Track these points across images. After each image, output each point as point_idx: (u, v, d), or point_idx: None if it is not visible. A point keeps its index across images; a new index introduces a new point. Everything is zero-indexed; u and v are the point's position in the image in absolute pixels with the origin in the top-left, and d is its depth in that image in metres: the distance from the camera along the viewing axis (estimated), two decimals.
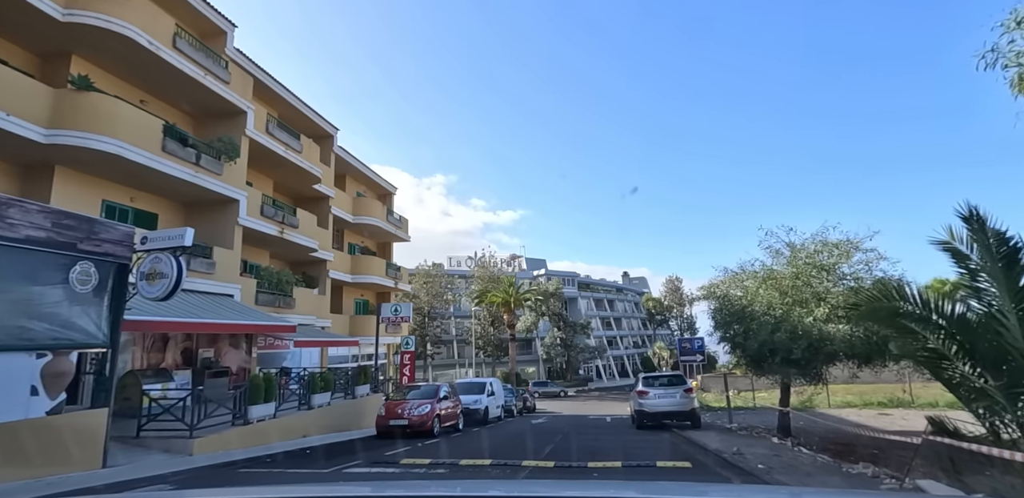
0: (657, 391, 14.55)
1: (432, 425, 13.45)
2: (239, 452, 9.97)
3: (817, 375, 11.90)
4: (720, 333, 13.63)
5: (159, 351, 15.07)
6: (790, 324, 10.97)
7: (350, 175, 29.01)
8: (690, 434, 12.79)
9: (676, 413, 14.37)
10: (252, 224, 17.47)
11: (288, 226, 19.47)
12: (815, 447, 11.20)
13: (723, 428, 14.46)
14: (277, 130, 19.38)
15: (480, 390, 19.39)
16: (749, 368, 13.42)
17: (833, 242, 11.67)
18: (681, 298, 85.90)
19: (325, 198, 24.53)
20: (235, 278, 16.49)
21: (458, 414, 15.77)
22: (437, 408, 13.95)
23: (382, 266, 28.29)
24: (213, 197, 16.33)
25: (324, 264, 24.03)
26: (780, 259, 12.70)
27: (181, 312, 11.83)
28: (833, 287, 11.52)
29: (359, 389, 16.73)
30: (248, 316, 14.13)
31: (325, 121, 24.74)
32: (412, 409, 13.49)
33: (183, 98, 16.37)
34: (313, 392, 13.74)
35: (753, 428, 14.12)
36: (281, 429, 12.02)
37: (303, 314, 20.08)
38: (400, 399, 14.49)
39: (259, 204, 18.04)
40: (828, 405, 21.51)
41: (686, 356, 22.71)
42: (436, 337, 55.70)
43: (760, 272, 12.53)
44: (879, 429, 9.83)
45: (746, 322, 12.04)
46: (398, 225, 30.56)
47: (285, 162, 20.26)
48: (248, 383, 11.25)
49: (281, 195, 22.08)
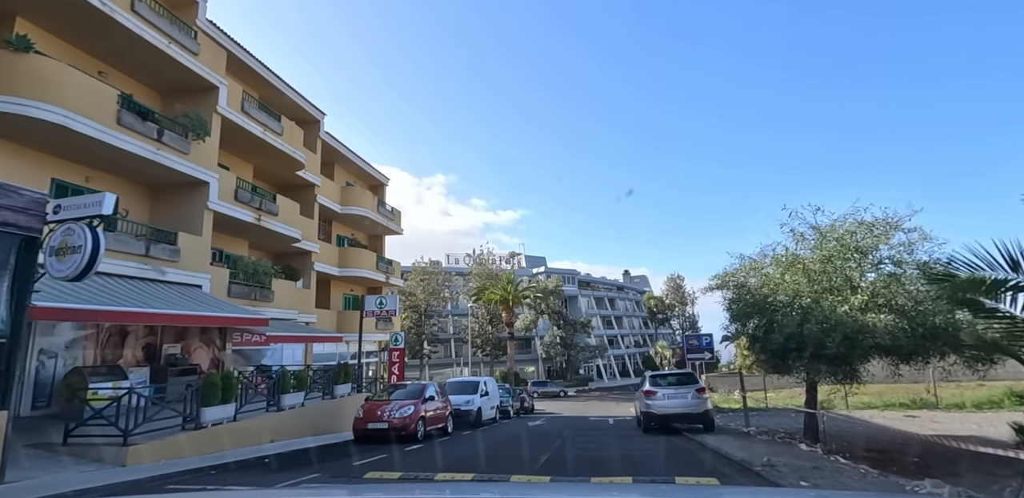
0: (666, 391, 13.16)
1: (416, 428, 12.05)
2: (185, 461, 8.59)
3: (851, 373, 10.50)
4: (737, 327, 12.24)
5: (116, 346, 13.67)
6: (821, 314, 9.57)
7: (339, 164, 27.61)
8: (704, 439, 11.41)
9: (687, 415, 12.98)
10: (225, 209, 16.07)
11: (266, 213, 18.07)
12: (848, 455, 9.81)
13: (739, 432, 13.07)
14: (255, 110, 17.99)
15: (473, 390, 18.00)
16: (770, 365, 12.02)
17: (869, 222, 10.23)
18: (683, 297, 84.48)
19: (310, 186, 23.12)
20: (204, 267, 15.09)
21: (447, 416, 14.37)
22: (422, 409, 12.55)
23: (372, 259, 26.88)
24: (180, 179, 14.94)
25: (309, 256, 22.63)
26: (805, 243, 11.30)
27: (129, 301, 10.44)
28: (868, 272, 10.12)
29: (339, 388, 15.33)
30: (213, 307, 12.73)
31: (311, 105, 23.35)
32: (394, 411, 12.09)
33: (146, 70, 14.97)
34: (284, 392, 12.34)
35: (774, 432, 12.73)
36: (242, 434, 10.63)
37: (283, 308, 18.69)
38: (382, 400, 13.09)
39: (233, 188, 16.65)
40: (846, 406, 20.09)
41: (693, 353, 21.32)
42: (433, 336, 54.29)
43: (784, 257, 11.09)
44: (949, 436, 8.48)
45: (768, 313, 10.64)
46: (390, 217, 29.15)
47: (265, 146, 18.87)
48: (202, 381, 9.84)
49: (262, 182, 20.67)
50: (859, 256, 9.95)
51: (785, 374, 11.75)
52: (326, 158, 26.14)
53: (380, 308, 19.15)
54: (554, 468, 8.51)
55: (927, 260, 9.69)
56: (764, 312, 10.87)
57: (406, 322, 51.21)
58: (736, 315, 11.81)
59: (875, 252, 10.15)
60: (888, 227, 9.96)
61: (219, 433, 9.98)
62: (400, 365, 21.15)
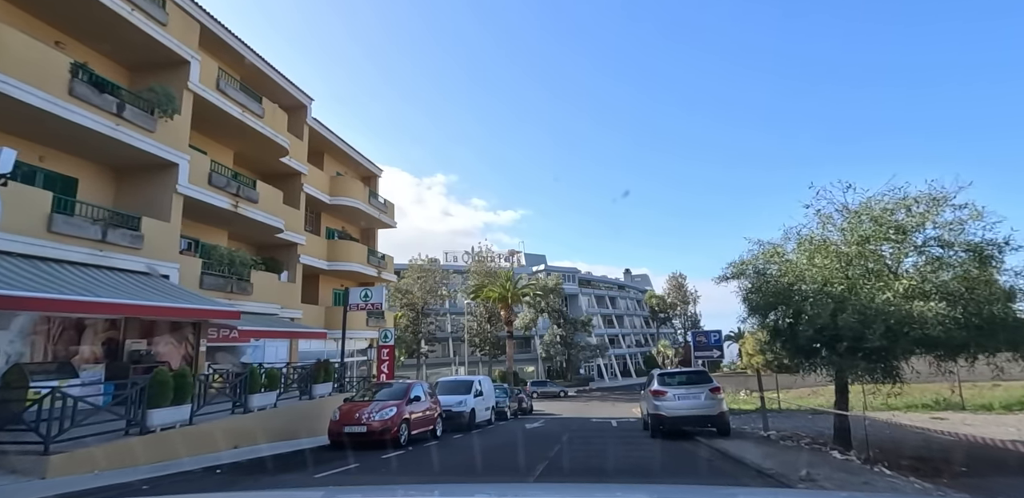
0: (677, 391, 11.92)
1: (398, 432, 10.83)
2: (122, 472, 7.37)
3: (891, 369, 9.23)
4: (757, 319, 10.99)
5: (71, 342, 12.42)
6: (858, 302, 8.32)
7: (329, 153, 26.38)
8: (722, 444, 10.19)
9: (701, 418, 11.75)
10: (197, 194, 14.84)
11: (245, 200, 16.84)
12: (887, 464, 8.58)
13: (758, 436, 11.83)
14: (232, 90, 16.75)
15: (466, 390, 16.78)
16: (793, 362, 10.76)
17: (913, 197, 8.95)
18: (685, 296, 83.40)
19: (296, 175, 21.89)
20: (172, 256, 13.86)
21: (436, 418, 13.14)
22: (406, 411, 11.32)
23: (363, 253, 25.64)
24: (145, 159, 13.73)
25: (294, 248, 21.40)
26: (832, 226, 10.04)
27: (69, 289, 9.20)
28: (910, 256, 8.87)
29: (318, 388, 14.08)
30: (174, 298, 11.50)
31: (297, 89, 22.12)
32: (373, 413, 10.85)
33: (108, 41, 13.74)
34: (252, 391, 11.10)
35: (797, 436, 11.47)
36: (199, 439, 9.40)
37: (263, 302, 17.45)
38: (362, 400, 11.85)
39: (207, 171, 15.42)
40: (865, 407, 18.81)
41: (701, 351, 20.07)
42: (430, 335, 53.07)
43: (812, 239, 9.79)
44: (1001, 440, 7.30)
45: (794, 303, 9.40)
46: (382, 209, 27.91)
47: (244, 129, 17.63)
48: (149, 380, 8.60)
49: (244, 169, 19.39)
50: (900, 237, 8.72)
51: (810, 372, 10.53)
52: (315, 146, 24.90)
53: (365, 301, 17.91)
54: (553, 479, 7.28)
55: (979, 241, 8.48)
56: (789, 302, 9.61)
57: (402, 320, 50.04)
58: (756, 306, 10.53)
59: (918, 232, 8.91)
60: (934, 203, 8.69)
61: (170, 439, 8.75)
62: (390, 363, 19.91)
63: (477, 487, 3.43)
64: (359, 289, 18.32)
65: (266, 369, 12.22)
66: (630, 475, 7.40)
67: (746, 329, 47.73)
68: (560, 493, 2.79)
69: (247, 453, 9.63)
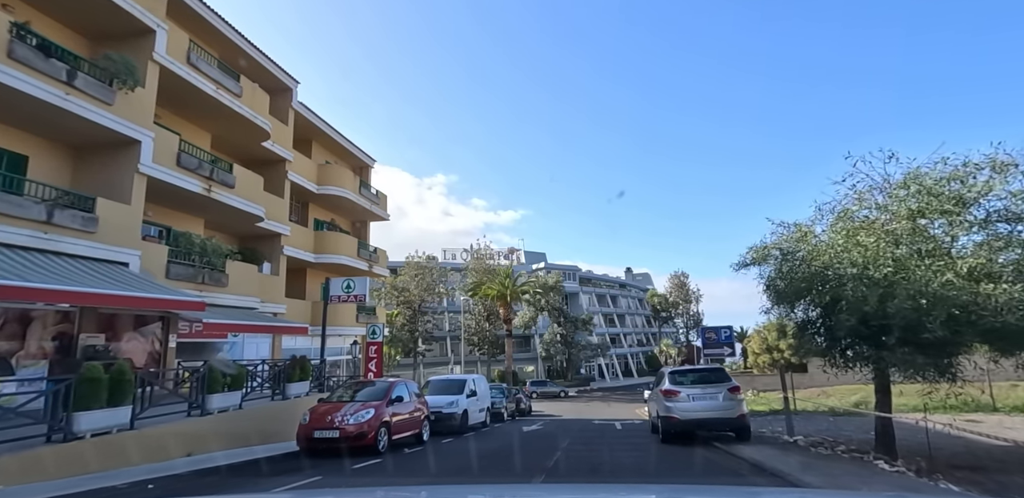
0: (691, 391, 10.62)
1: (376, 437, 9.54)
2: (31, 488, 6.08)
3: (950, 366, 7.92)
4: (784, 309, 9.70)
5: (14, 336, 11.18)
6: (913, 286, 7.01)
7: (318, 141, 25.12)
8: (745, 452, 8.92)
9: (718, 421, 10.46)
10: (163, 175, 13.58)
11: (219, 184, 15.57)
12: (941, 475, 7.31)
13: (783, 442, 10.52)
14: (205, 64, 15.48)
15: (459, 389, 15.50)
16: (827, 358, 9.44)
17: (975, 162, 7.62)
18: (687, 294, 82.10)
19: (280, 161, 20.62)
20: (133, 242, 12.60)
21: (422, 421, 11.85)
22: (386, 413, 10.04)
23: (353, 245, 24.37)
24: (103, 135, 12.48)
25: (278, 239, 20.14)
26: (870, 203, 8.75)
27: None
28: (968, 231, 7.57)
29: (293, 387, 12.79)
30: (124, 286, 10.22)
31: (281, 70, 20.85)
32: (347, 415, 9.57)
33: (62, 5, 12.47)
34: (212, 391, 9.82)
35: (829, 442, 10.15)
36: (144, 446, 8.13)
37: (240, 295, 16.18)
38: (337, 401, 10.56)
39: (175, 151, 14.16)
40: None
41: (711, 349, 18.77)
42: (427, 333, 51.75)
43: (854, 213, 8.44)
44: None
45: (831, 289, 8.10)
46: (374, 201, 26.63)
47: (221, 109, 16.36)
48: (77, 377, 7.30)
49: (224, 154, 18.09)
50: (959, 209, 7.42)
51: (849, 368, 9.23)
52: (302, 134, 23.65)
53: (347, 293, 16.62)
54: None
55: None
56: (823, 287, 8.30)
57: (399, 319, 48.76)
58: (782, 294, 9.21)
59: (980, 204, 7.62)
60: (1001, 169, 7.34)
61: (104, 446, 7.49)
62: (378, 361, 18.64)
63: (470, 488, 3.17)
64: (340, 280, 17.04)
65: (228, 365, 10.93)
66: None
67: (763, 322, 46.18)
68: (561, 493, 2.58)
69: (199, 462, 8.35)
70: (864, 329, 7.82)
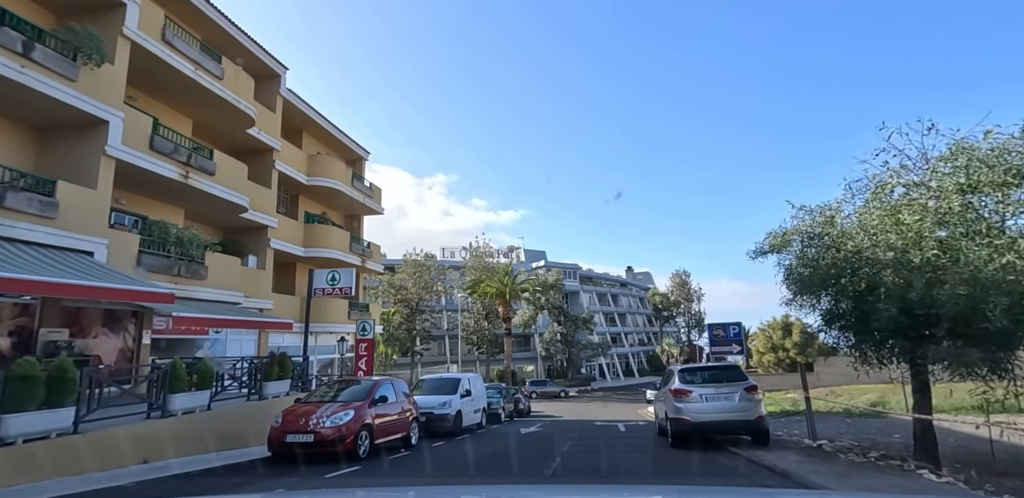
0: (704, 390, 9.68)
1: (355, 442, 8.61)
2: None
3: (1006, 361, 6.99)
4: (808, 299, 8.75)
5: None
6: (966, 270, 6.08)
7: (309, 131, 24.20)
8: (766, 459, 7.99)
9: (734, 423, 9.51)
10: (133, 158, 12.65)
11: (198, 170, 14.65)
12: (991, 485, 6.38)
13: (805, 447, 9.56)
14: (182, 43, 14.55)
15: (452, 389, 14.57)
16: (857, 353, 8.48)
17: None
18: (689, 293, 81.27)
19: (267, 150, 19.70)
20: (99, 229, 11.67)
21: (409, 422, 10.92)
22: (368, 415, 9.12)
23: (345, 239, 23.45)
24: (66, 114, 11.59)
25: (264, 231, 19.22)
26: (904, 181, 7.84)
27: None
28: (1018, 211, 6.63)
29: (271, 386, 11.85)
30: (85, 276, 9.28)
31: (269, 55, 19.93)
32: (323, 417, 8.64)
33: None
34: (174, 390, 8.89)
35: (859, 448, 9.18)
36: (90, 452, 7.20)
37: (222, 289, 15.25)
38: (314, 402, 9.63)
39: (148, 133, 13.23)
40: (906, 408, 16.62)
41: (719, 347, 17.83)
42: (425, 332, 50.82)
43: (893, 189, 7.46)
44: None
45: (866, 275, 7.16)
46: (367, 193, 25.70)
47: (202, 92, 15.44)
48: (4, 375, 6.36)
49: (207, 141, 17.13)
50: (1019, 180, 6.46)
51: (881, 366, 8.29)
52: (292, 123, 22.74)
53: (332, 285, 15.68)
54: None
55: None
56: (856, 274, 7.33)
57: (396, 317, 47.87)
58: (807, 283, 8.23)
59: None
60: None
61: (41, 453, 6.55)
62: (368, 359, 17.70)
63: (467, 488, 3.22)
64: (325, 271, 16.09)
65: (194, 362, 9.99)
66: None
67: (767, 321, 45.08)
68: (561, 494, 2.54)
69: (153, 470, 7.43)
70: (905, 320, 6.89)
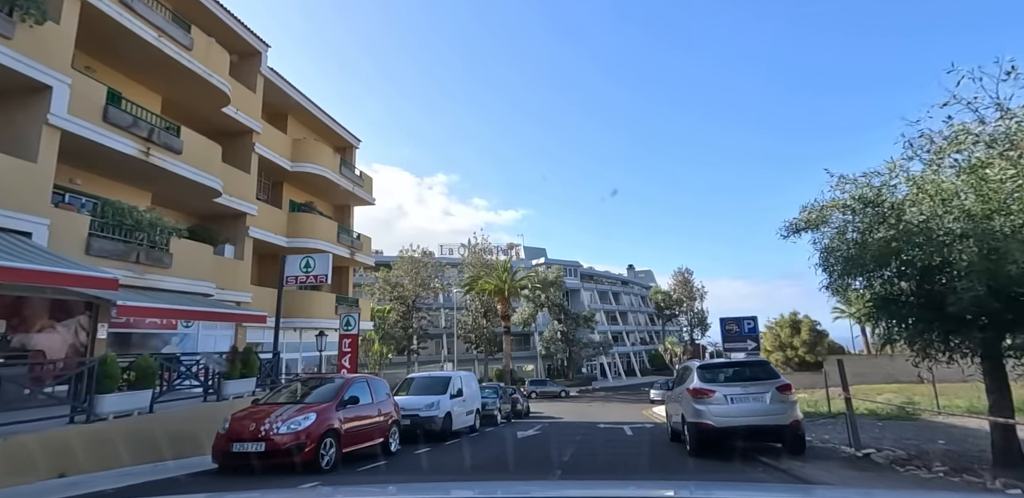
0: (730, 390, 8.29)
1: (316, 451, 7.26)
2: None
3: None
4: (860, 281, 7.34)
5: None
6: None
7: (295, 116, 22.85)
8: (809, 473, 6.63)
9: (766, 429, 8.09)
10: (82, 130, 11.30)
11: (161, 147, 13.30)
12: None
13: (847, 456, 8.17)
14: (144, 6, 13.19)
15: (442, 389, 13.20)
16: (921, 343, 7.09)
17: None
18: (691, 291, 79.75)
19: (247, 132, 18.35)
20: (39, 208, 10.32)
21: (388, 427, 9.55)
22: (333, 419, 7.76)
23: (332, 229, 22.11)
24: (2, 77, 10.21)
25: (242, 219, 17.88)
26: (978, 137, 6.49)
27: None
28: None
29: (232, 385, 10.47)
30: (12, 258, 7.92)
31: (248, 31, 18.55)
32: (278, 422, 7.28)
33: None
34: (104, 390, 7.52)
35: (918, 459, 7.73)
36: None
37: (189, 278, 13.90)
38: (271, 403, 8.25)
39: (101, 103, 11.86)
40: (938, 408, 15.25)
41: (733, 343, 16.47)
42: (422, 330, 49.46)
43: (974, 138, 6.04)
44: None
45: (937, 246, 5.78)
46: (357, 182, 24.33)
47: (169, 64, 14.11)
48: None
49: (179, 121, 15.72)
50: None
51: (950, 360, 6.95)
52: (276, 107, 21.43)
53: (306, 272, 14.29)
54: None
55: None
56: (922, 248, 5.94)
57: (392, 315, 46.57)
58: (855, 262, 6.77)
59: None
60: None
61: None
62: (352, 356, 16.33)
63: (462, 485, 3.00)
64: (298, 257, 14.68)
65: (137, 358, 8.62)
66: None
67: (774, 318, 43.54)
68: (564, 489, 2.36)
69: (68, 487, 6.09)
70: (993, 301, 5.52)
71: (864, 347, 54.66)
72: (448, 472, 7.82)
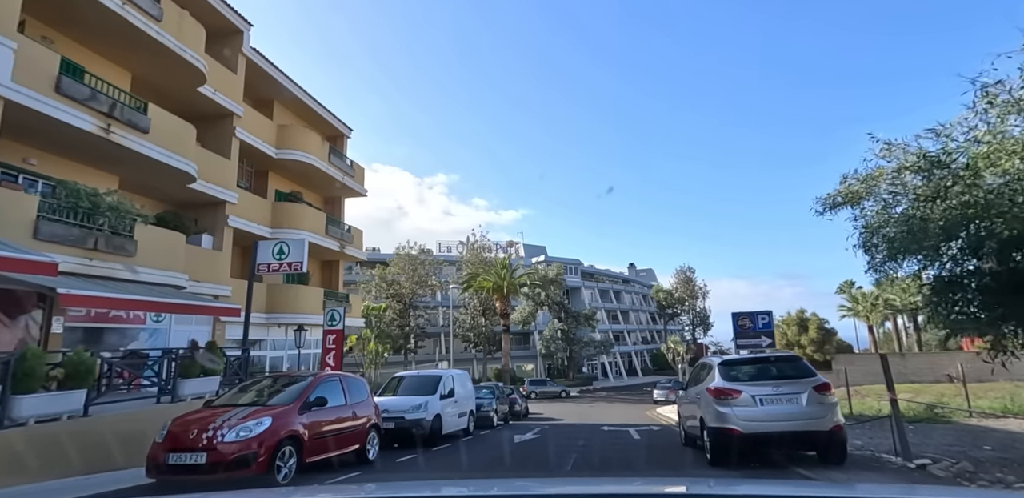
0: (758, 391, 7.09)
1: (270, 462, 6.11)
2: None
3: None
4: (920, 261, 6.21)
5: None
6: None
7: (281, 102, 21.76)
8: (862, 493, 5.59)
9: (803, 435, 6.94)
10: (28, 100, 10.17)
11: (125, 125, 12.16)
12: None
13: (898, 466, 6.98)
14: None
15: (431, 389, 12.06)
16: (991, 331, 5.98)
17: None
18: (693, 290, 78.64)
19: (227, 115, 17.26)
20: None
21: (365, 432, 8.40)
22: (293, 423, 6.63)
23: (320, 220, 21.00)
24: None
25: (222, 207, 16.79)
26: None
27: None
28: None
29: (189, 384, 9.31)
30: None
31: (228, 7, 17.47)
32: (224, 428, 6.12)
33: None
34: (22, 390, 6.38)
35: (988, 471, 6.57)
36: None
37: (156, 269, 12.76)
38: (220, 406, 7.10)
39: (53, 73, 10.72)
40: (968, 410, 14.12)
41: (746, 339, 15.35)
42: (419, 329, 48.36)
43: None
44: None
45: (1020, 215, 4.72)
46: (347, 171, 23.20)
47: (136, 35, 12.99)
48: None
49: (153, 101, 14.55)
50: None
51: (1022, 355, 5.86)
52: (261, 92, 20.37)
53: (280, 260, 13.12)
54: None
55: None
56: (1000, 218, 4.85)
57: (388, 313, 45.47)
58: (915, 236, 5.64)
59: None
60: None
61: None
62: (337, 353, 15.19)
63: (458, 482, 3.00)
64: (271, 242, 13.54)
65: (67, 353, 7.48)
66: None
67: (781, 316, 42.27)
68: (564, 486, 2.31)
69: None
70: None
71: (871, 346, 53.65)
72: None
